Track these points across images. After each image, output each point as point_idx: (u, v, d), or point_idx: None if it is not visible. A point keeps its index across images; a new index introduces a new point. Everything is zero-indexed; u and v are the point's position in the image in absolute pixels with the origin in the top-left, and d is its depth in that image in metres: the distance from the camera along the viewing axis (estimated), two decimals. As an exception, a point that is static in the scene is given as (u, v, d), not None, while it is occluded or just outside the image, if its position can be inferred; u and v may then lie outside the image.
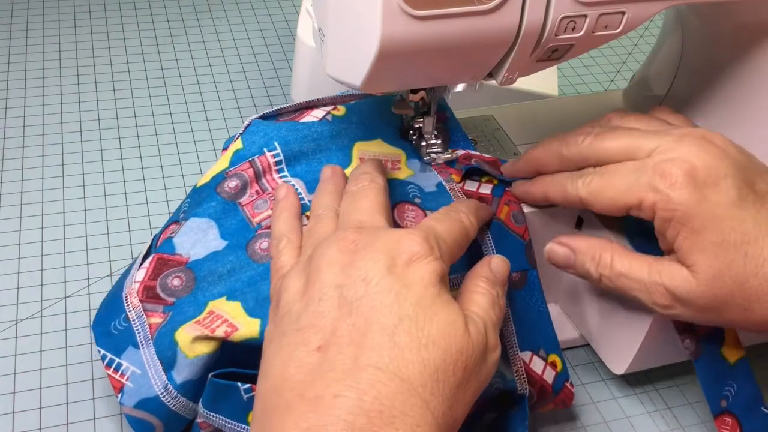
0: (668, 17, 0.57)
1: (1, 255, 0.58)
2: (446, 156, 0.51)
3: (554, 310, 0.55)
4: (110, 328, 0.45)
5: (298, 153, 0.49)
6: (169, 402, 0.43)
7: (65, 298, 0.55)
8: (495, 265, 0.42)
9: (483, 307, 0.38)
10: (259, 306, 0.42)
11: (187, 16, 0.86)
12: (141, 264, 0.46)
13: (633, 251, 0.45)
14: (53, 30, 0.82)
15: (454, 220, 0.41)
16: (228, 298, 0.44)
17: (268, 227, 0.46)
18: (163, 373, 0.43)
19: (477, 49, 0.41)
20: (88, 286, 0.56)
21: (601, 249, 0.44)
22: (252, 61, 0.80)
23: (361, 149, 0.50)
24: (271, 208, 0.47)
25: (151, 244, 0.49)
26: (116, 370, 0.43)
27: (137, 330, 0.44)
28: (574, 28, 0.41)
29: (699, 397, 0.52)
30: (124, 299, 0.45)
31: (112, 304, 0.46)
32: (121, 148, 0.68)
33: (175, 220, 0.49)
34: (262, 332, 0.41)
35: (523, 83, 0.67)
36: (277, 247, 0.43)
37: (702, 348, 0.46)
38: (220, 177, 0.49)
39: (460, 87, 0.50)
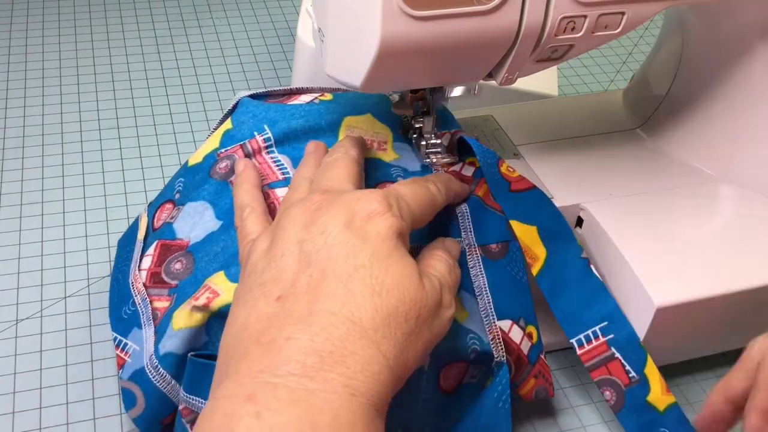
0: (668, 17, 0.57)
1: (1, 255, 0.58)
2: (446, 159, 0.51)
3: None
4: (121, 314, 0.47)
5: (288, 132, 0.50)
6: (150, 373, 0.44)
7: (65, 298, 0.55)
8: (449, 244, 0.44)
9: (439, 270, 0.40)
10: (239, 272, 0.44)
11: (187, 16, 0.86)
12: (144, 252, 0.48)
13: None
14: (53, 30, 0.82)
15: (420, 186, 0.42)
16: (227, 275, 0.45)
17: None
18: (152, 346, 0.45)
19: (477, 49, 0.41)
20: (88, 286, 0.56)
21: None
22: (252, 61, 0.80)
23: (350, 125, 0.51)
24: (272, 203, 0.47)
25: (149, 224, 0.51)
26: (123, 349, 0.46)
27: (141, 312, 0.46)
28: (573, 29, 0.41)
29: (679, 401, 0.52)
30: (131, 285, 0.48)
31: (122, 291, 0.48)
32: (121, 148, 0.68)
33: (170, 198, 0.51)
34: None
35: (523, 83, 0.67)
36: (241, 217, 0.44)
37: (624, 400, 0.46)
38: (212, 158, 0.50)
39: (458, 92, 0.50)
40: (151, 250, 0.48)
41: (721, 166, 0.55)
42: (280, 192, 0.47)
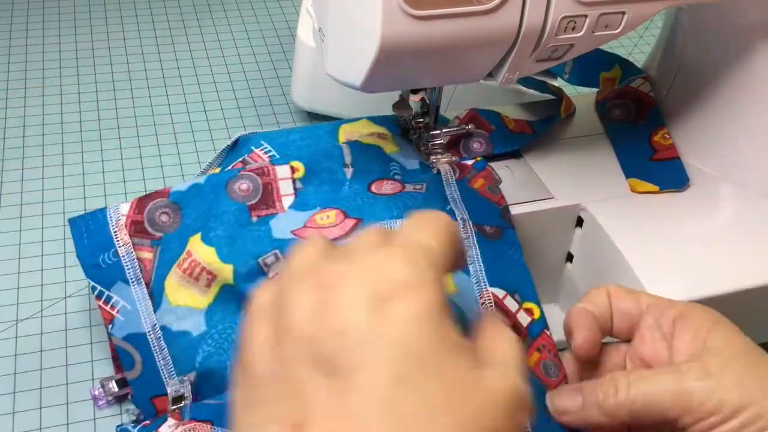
0: (668, 17, 0.57)
1: (1, 255, 0.58)
2: (446, 159, 0.51)
3: (554, 309, 0.55)
4: (99, 261, 0.46)
5: (287, 143, 0.51)
6: (152, 342, 0.45)
7: (65, 298, 0.55)
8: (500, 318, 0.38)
9: (508, 354, 0.30)
10: (232, 254, 0.44)
11: (187, 16, 0.86)
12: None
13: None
14: (53, 30, 0.82)
15: (437, 220, 0.31)
16: (203, 238, 0.45)
17: (252, 170, 0.48)
18: (153, 313, 0.45)
19: (477, 49, 0.41)
20: (89, 286, 0.56)
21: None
22: (252, 61, 0.80)
23: (347, 130, 0.52)
24: (259, 167, 0.48)
25: None
26: (106, 302, 0.46)
27: (126, 266, 0.46)
28: (574, 28, 0.41)
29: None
30: (112, 233, 0.46)
31: (99, 235, 0.47)
32: (121, 148, 0.68)
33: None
34: (235, 277, 0.44)
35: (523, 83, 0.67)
36: None
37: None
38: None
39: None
40: (129, 201, 0.48)
41: (721, 166, 0.55)
42: (280, 171, 0.48)
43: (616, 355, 0.41)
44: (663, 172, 0.53)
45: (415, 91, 0.50)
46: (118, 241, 0.46)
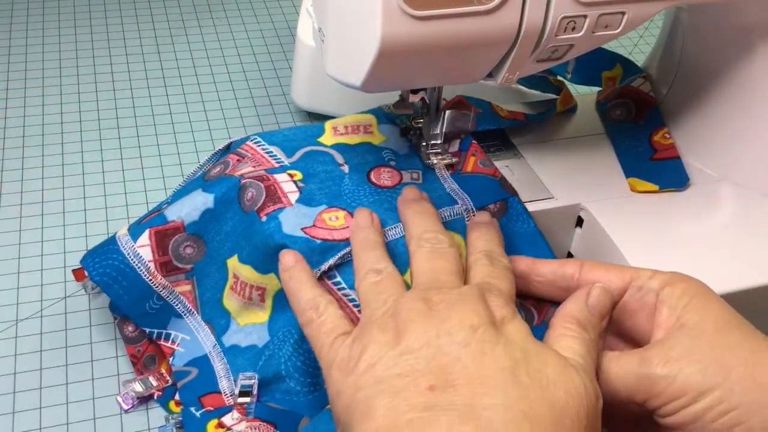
0: (668, 17, 0.57)
1: (1, 255, 0.58)
2: (446, 160, 0.51)
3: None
4: (146, 309, 0.48)
5: (279, 136, 0.52)
6: (212, 356, 0.47)
7: (65, 298, 0.55)
8: (594, 299, 0.39)
9: (580, 354, 0.35)
10: (265, 264, 0.46)
11: (187, 16, 0.86)
12: (134, 243, 0.48)
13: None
14: (53, 30, 0.82)
15: (505, 270, 0.41)
16: (239, 259, 0.47)
17: (251, 178, 0.48)
18: (211, 335, 0.48)
19: (477, 49, 0.41)
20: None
21: None
22: (252, 61, 0.80)
23: (333, 123, 0.53)
24: (252, 167, 0.49)
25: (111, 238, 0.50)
26: (166, 339, 0.49)
27: (174, 303, 0.48)
28: (574, 28, 0.41)
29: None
30: (149, 282, 0.48)
31: (136, 287, 0.48)
32: (121, 148, 0.68)
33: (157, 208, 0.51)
34: (278, 279, 0.45)
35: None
36: (316, 310, 0.40)
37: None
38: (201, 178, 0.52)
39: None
40: (145, 240, 0.48)
41: (721, 166, 0.55)
42: (279, 177, 0.48)
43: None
44: (663, 172, 0.54)
45: (415, 91, 0.50)
46: (157, 287, 0.48)
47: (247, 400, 0.44)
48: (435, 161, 0.51)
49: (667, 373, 0.36)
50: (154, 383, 0.49)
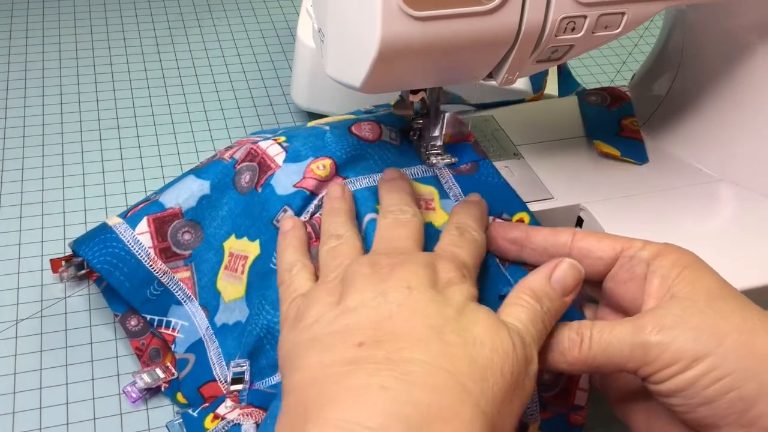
0: (668, 17, 0.57)
1: (1, 255, 0.58)
2: (446, 160, 0.51)
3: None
4: (147, 296, 0.49)
5: (293, 131, 0.52)
6: (205, 339, 0.48)
7: (65, 298, 0.55)
8: (559, 273, 0.39)
9: (521, 320, 0.36)
10: (258, 231, 0.47)
11: (187, 16, 0.86)
12: (132, 230, 0.49)
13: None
14: (53, 30, 0.82)
15: (470, 241, 0.42)
16: (237, 236, 0.48)
17: (244, 160, 0.50)
18: (206, 319, 0.49)
19: (477, 49, 0.41)
20: (88, 286, 0.56)
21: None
22: (252, 61, 0.80)
23: (316, 122, 0.54)
24: (248, 152, 0.50)
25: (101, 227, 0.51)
26: (167, 326, 0.49)
27: (174, 290, 0.50)
28: (573, 29, 0.41)
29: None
30: (149, 268, 0.49)
31: (137, 273, 0.49)
32: (121, 148, 0.68)
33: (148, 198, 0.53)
34: (261, 247, 0.47)
35: (523, 83, 0.67)
36: (290, 272, 0.42)
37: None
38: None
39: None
40: (144, 228, 0.49)
41: (721, 166, 0.55)
42: (264, 144, 0.50)
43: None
44: (626, 147, 0.56)
45: (415, 91, 0.50)
46: (157, 272, 0.49)
47: (239, 387, 0.45)
48: (435, 161, 0.51)
49: (660, 341, 0.36)
50: (161, 375, 0.49)
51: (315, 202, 0.47)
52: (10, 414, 0.48)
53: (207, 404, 0.46)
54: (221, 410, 0.44)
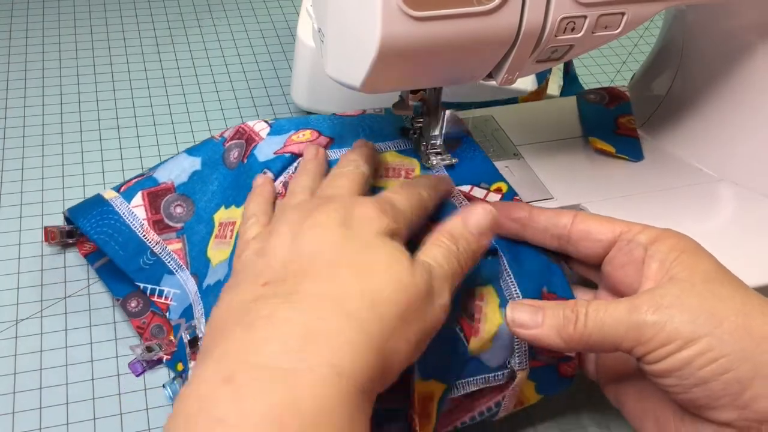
0: (668, 17, 0.57)
1: (1, 255, 0.58)
2: (446, 161, 0.51)
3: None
4: (140, 265, 0.51)
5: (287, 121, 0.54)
6: (194, 302, 0.49)
7: (65, 298, 0.55)
8: (474, 217, 0.40)
9: (435, 258, 0.38)
10: (243, 198, 0.48)
11: (187, 16, 0.86)
12: (128, 203, 0.52)
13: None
14: (53, 30, 0.82)
15: (411, 193, 0.43)
16: (225, 206, 0.50)
17: (233, 138, 0.53)
18: (195, 285, 0.50)
19: (477, 49, 0.41)
20: (88, 286, 0.56)
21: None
22: (252, 61, 0.80)
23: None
24: (237, 130, 0.53)
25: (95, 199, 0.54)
26: (159, 295, 0.51)
27: (166, 260, 0.51)
28: (573, 29, 0.41)
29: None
30: (143, 238, 0.51)
31: (130, 243, 0.51)
32: (121, 148, 0.68)
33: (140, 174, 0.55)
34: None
35: (523, 83, 0.67)
36: (246, 224, 0.44)
37: None
38: None
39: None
40: (138, 201, 0.52)
41: (721, 166, 0.55)
42: (251, 122, 0.53)
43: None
44: (622, 144, 0.56)
45: (415, 91, 0.50)
46: (150, 242, 0.51)
47: (196, 347, 0.47)
48: (435, 162, 0.51)
49: (656, 320, 0.36)
50: (163, 347, 0.51)
51: (294, 164, 0.49)
52: (10, 414, 0.48)
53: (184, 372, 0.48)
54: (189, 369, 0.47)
